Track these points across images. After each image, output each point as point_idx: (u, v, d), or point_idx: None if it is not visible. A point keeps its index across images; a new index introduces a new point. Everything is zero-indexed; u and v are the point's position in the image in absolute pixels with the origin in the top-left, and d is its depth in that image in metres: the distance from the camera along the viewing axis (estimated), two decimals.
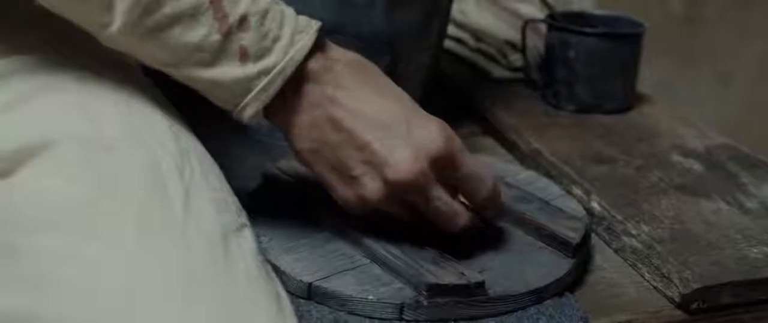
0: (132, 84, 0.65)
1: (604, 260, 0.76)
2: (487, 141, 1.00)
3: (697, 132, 0.98)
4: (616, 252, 0.77)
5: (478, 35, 1.21)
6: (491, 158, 0.90)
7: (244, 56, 0.61)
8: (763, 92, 1.96)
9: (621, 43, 1.02)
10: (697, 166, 0.89)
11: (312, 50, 0.63)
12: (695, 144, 0.95)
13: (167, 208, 0.57)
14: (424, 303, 0.63)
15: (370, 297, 0.64)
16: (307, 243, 0.69)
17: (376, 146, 0.62)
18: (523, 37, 1.08)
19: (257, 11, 0.61)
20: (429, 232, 0.67)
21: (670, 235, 0.75)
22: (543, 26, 1.07)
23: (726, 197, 0.83)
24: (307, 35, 0.62)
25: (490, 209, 0.68)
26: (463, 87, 1.11)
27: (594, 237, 0.78)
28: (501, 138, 0.98)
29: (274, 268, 0.64)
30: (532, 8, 1.33)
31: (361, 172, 0.63)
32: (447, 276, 0.64)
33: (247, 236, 0.60)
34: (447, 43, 1.09)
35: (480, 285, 0.64)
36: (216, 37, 0.60)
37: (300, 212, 0.73)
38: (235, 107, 0.63)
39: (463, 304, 0.64)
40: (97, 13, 0.59)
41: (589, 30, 1.01)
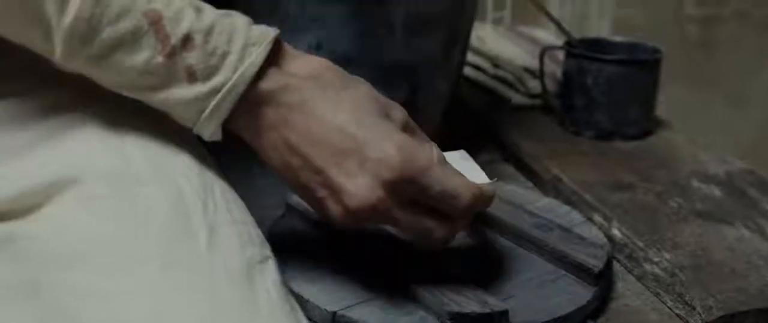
0: (155, 115, 0.65)
1: (626, 287, 0.76)
2: (508, 168, 1.00)
3: (716, 157, 0.98)
4: (638, 279, 0.77)
5: (496, 62, 1.21)
6: (511, 185, 0.90)
7: (191, 76, 0.59)
8: None
9: (639, 69, 1.02)
10: (717, 192, 0.89)
11: (267, 63, 0.60)
12: (715, 170, 0.95)
13: (192, 243, 0.57)
14: None
15: None
16: (331, 272, 0.69)
17: (332, 173, 0.60)
18: (541, 64, 1.08)
19: (201, 28, 0.59)
20: (450, 259, 0.66)
21: (692, 262, 0.75)
22: (561, 53, 1.08)
23: (747, 223, 0.83)
24: (259, 48, 0.60)
25: (475, 219, 0.65)
26: (482, 114, 1.11)
27: (615, 265, 0.78)
28: (521, 165, 0.99)
29: (298, 298, 0.64)
30: (549, 35, 1.33)
31: (323, 195, 0.61)
32: (470, 304, 0.64)
33: (270, 268, 0.60)
34: (465, 69, 1.10)
35: (503, 314, 0.64)
36: (159, 59, 0.58)
37: (323, 241, 0.73)
38: (193, 126, 0.62)
39: None
40: (38, 43, 0.58)
41: (607, 57, 1.02)
